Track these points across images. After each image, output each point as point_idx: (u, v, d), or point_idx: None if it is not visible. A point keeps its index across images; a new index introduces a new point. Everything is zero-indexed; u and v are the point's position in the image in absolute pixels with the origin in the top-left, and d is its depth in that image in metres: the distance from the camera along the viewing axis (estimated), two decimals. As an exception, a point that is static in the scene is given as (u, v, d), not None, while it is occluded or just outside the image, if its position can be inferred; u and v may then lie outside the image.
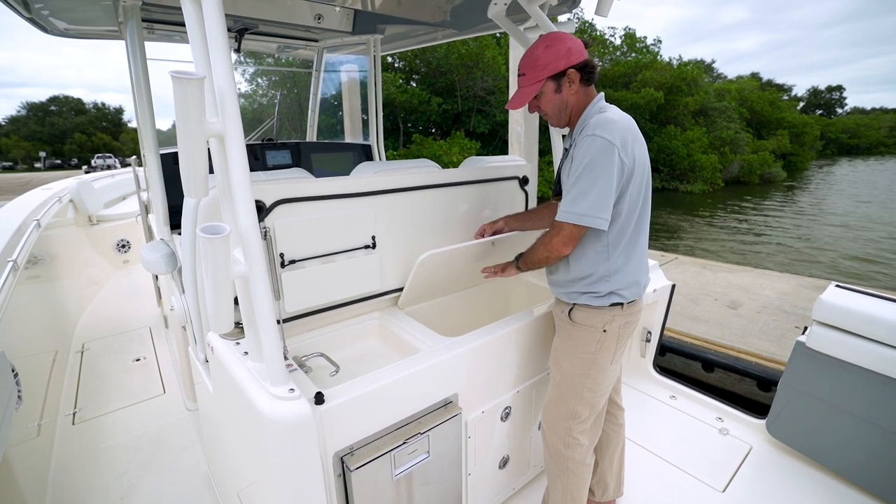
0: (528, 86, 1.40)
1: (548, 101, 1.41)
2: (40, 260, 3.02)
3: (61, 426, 2.36)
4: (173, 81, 0.81)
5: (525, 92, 1.41)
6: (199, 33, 0.94)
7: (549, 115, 1.45)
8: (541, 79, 1.37)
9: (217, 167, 1.00)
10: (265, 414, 1.02)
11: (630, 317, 1.46)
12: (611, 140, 1.25)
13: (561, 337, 1.54)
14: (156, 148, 2.25)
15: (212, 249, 0.89)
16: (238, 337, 1.30)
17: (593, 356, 1.46)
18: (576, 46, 1.35)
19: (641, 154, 1.34)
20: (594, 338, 1.44)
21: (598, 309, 1.43)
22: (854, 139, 62.07)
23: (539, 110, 1.47)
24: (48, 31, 2.45)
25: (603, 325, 1.43)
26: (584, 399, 1.50)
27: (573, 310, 1.47)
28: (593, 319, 1.44)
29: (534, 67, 1.38)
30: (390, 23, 3.02)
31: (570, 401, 1.51)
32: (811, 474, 1.97)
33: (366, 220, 1.60)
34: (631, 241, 1.40)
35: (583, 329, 1.45)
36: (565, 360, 1.51)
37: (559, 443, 1.54)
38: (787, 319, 3.92)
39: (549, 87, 1.39)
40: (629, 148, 1.29)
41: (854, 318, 1.78)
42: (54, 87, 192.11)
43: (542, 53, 1.36)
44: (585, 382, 1.48)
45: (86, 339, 3.30)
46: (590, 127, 1.29)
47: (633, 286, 1.44)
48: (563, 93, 1.38)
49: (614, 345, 1.46)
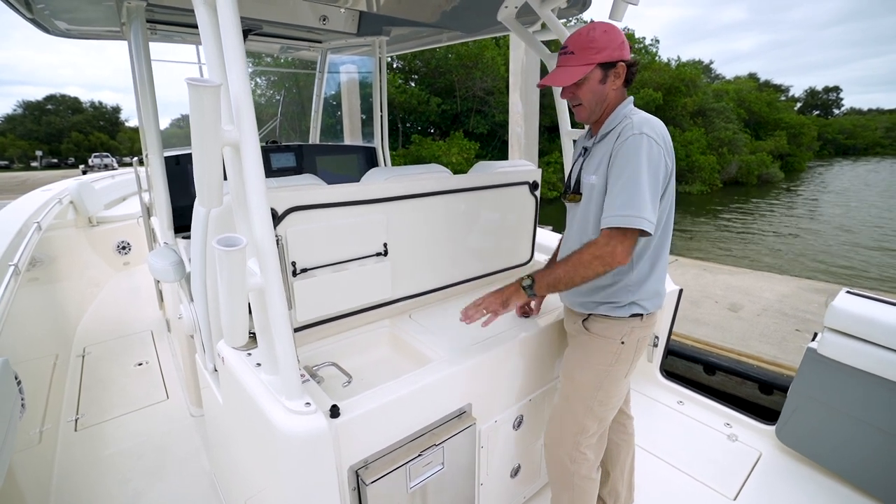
0: (576, 65, 1.28)
1: (589, 90, 1.30)
2: (40, 262, 2.98)
3: (63, 433, 2.33)
4: (189, 89, 0.79)
5: (572, 72, 1.28)
6: (213, 39, 0.92)
7: (584, 105, 1.34)
8: (592, 62, 1.26)
9: (231, 176, 0.98)
10: (281, 429, 1.00)
11: (648, 329, 1.39)
12: (656, 139, 1.20)
13: (575, 347, 1.47)
14: (159, 150, 2.23)
15: (228, 262, 0.86)
16: (249, 347, 1.27)
17: (608, 368, 1.39)
18: (627, 43, 1.28)
19: (673, 157, 1.29)
20: (611, 350, 1.37)
21: (617, 320, 1.35)
22: (851, 140, 62.45)
23: (573, 97, 1.34)
24: (50, 31, 2.43)
25: (621, 336, 1.36)
26: (594, 413, 1.43)
27: (588, 320, 1.40)
28: (611, 330, 1.37)
29: (588, 49, 1.26)
30: (396, 24, 2.99)
31: (579, 414, 1.44)
32: (823, 482, 1.95)
33: (378, 228, 1.58)
34: (657, 249, 1.33)
35: (600, 340, 1.38)
36: (579, 371, 1.44)
37: (565, 457, 1.48)
38: (788, 322, 3.92)
39: (595, 75, 1.28)
40: (670, 148, 1.25)
41: (867, 326, 1.77)
42: (51, 85, 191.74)
43: (601, 36, 1.25)
44: (597, 396, 1.41)
45: (87, 343, 3.26)
46: (634, 125, 1.22)
47: (655, 297, 1.36)
48: (607, 85, 1.29)
49: (631, 357, 1.39)
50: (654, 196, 1.19)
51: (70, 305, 3.57)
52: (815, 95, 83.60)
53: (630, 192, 1.18)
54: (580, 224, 1.39)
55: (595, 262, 1.21)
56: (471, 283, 1.97)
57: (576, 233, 1.42)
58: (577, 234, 1.40)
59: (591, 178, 1.32)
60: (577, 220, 1.41)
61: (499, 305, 1.34)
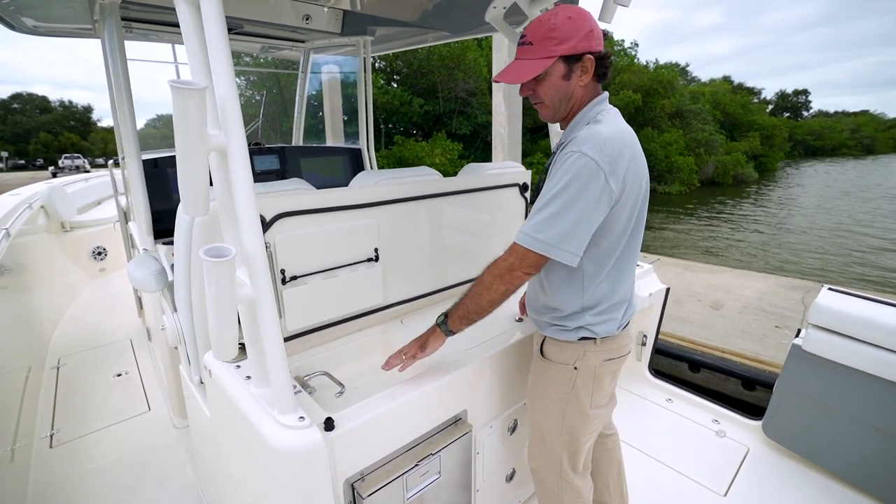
0: (533, 59, 1.10)
1: (550, 87, 1.13)
2: (9, 270, 2.85)
3: (37, 450, 2.22)
4: (172, 92, 0.75)
5: (528, 66, 1.11)
6: (196, 39, 0.87)
7: (546, 104, 1.17)
8: (553, 55, 1.08)
9: (217, 182, 0.94)
10: (274, 444, 0.96)
11: (610, 353, 1.26)
12: (598, 161, 1.02)
13: (533, 372, 1.37)
14: (137, 152, 2.14)
15: (216, 273, 0.82)
16: (238, 359, 1.22)
17: (567, 397, 1.27)
18: (598, 31, 1.11)
19: (637, 174, 1.11)
20: (566, 376, 1.26)
21: (566, 343, 1.24)
22: (819, 141, 64.68)
23: (533, 95, 1.17)
24: (16, 28, 2.31)
25: (573, 361, 1.24)
26: (566, 444, 1.32)
27: (544, 343, 1.30)
28: (563, 355, 1.26)
29: (548, 39, 1.08)
30: (381, 24, 2.95)
31: (554, 446, 1.34)
32: (809, 475, 2.00)
33: (368, 232, 1.55)
34: (615, 271, 1.20)
35: (553, 366, 1.28)
36: (539, 400, 1.34)
37: (552, 485, 1.39)
38: (768, 319, 4.02)
39: (557, 70, 1.11)
40: (621, 171, 1.05)
41: (849, 322, 1.81)
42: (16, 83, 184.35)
43: (563, 24, 1.07)
44: (563, 425, 1.29)
45: (62, 354, 3.12)
46: (576, 141, 1.06)
47: (609, 322, 1.22)
48: (572, 81, 1.12)
49: (591, 386, 1.25)
50: (578, 224, 1.05)
51: (43, 315, 3.42)
52: (786, 98, 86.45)
53: (547, 212, 1.06)
54: None
55: (496, 282, 1.13)
56: (463, 286, 1.95)
57: None
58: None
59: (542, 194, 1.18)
60: None
61: (416, 349, 1.24)
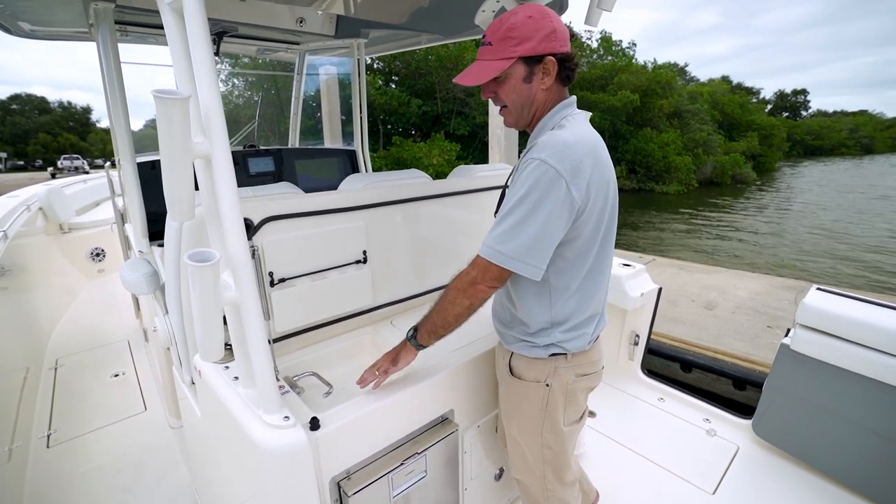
0: (492, 60, 1.07)
1: (511, 90, 1.09)
2: (8, 271, 2.87)
3: (35, 449, 2.24)
4: (156, 102, 0.76)
5: (486, 67, 1.07)
6: (181, 48, 0.89)
7: (509, 108, 1.13)
8: (511, 56, 1.04)
9: (203, 188, 0.95)
10: (259, 443, 0.98)
11: (582, 368, 1.22)
12: (558, 169, 0.97)
13: (505, 390, 1.33)
14: (132, 154, 2.16)
15: (200, 278, 0.84)
16: (227, 360, 1.24)
17: (542, 414, 1.24)
18: (562, 31, 1.07)
19: (602, 182, 1.06)
20: (538, 394, 1.22)
21: (535, 360, 1.21)
22: (818, 141, 64.72)
23: (495, 98, 1.14)
24: (12, 32, 2.33)
25: (545, 378, 1.21)
26: (548, 459, 1.29)
27: (512, 358, 1.26)
28: (533, 371, 1.22)
29: (506, 39, 1.04)
30: (373, 27, 2.98)
31: (534, 459, 1.31)
32: (798, 474, 2.02)
33: (356, 235, 1.57)
34: (586, 285, 1.15)
35: (523, 384, 1.24)
36: (515, 419, 1.31)
37: (538, 495, 1.37)
38: (760, 319, 4.06)
39: (517, 71, 1.07)
40: (583, 179, 1.01)
41: (836, 322, 1.83)
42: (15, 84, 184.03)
43: (522, 23, 1.04)
44: (542, 442, 1.27)
45: (59, 355, 3.14)
46: (536, 148, 1.02)
47: (580, 337, 1.18)
48: (534, 84, 1.08)
49: (562, 403, 1.22)
50: (539, 236, 1.01)
51: (41, 316, 3.44)
52: (785, 98, 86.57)
53: (508, 223, 1.02)
54: None
55: (459, 296, 1.09)
56: None
57: None
58: None
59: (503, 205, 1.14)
60: None
61: (388, 364, 1.22)
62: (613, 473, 2.02)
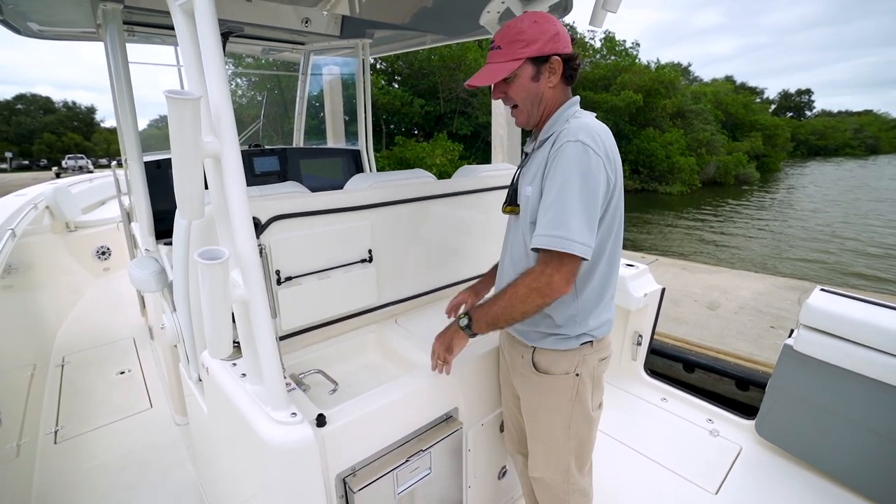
0: (502, 62, 1.15)
1: (520, 88, 1.17)
2: (15, 270, 2.90)
3: (42, 446, 2.26)
4: (168, 102, 0.78)
5: (496, 69, 1.15)
6: (192, 48, 0.90)
7: (519, 107, 1.20)
8: (520, 57, 1.13)
9: (213, 187, 0.97)
10: (267, 439, 1.00)
11: (604, 352, 1.26)
12: (596, 150, 1.05)
13: (529, 389, 1.31)
14: (139, 154, 2.18)
15: (210, 275, 0.85)
16: (234, 357, 1.26)
17: (571, 405, 1.26)
18: (564, 34, 1.15)
19: (619, 167, 1.15)
20: (567, 385, 1.24)
21: (565, 352, 1.22)
22: (822, 141, 64.36)
23: (506, 98, 1.21)
24: (21, 32, 2.35)
25: (574, 368, 1.23)
26: (573, 450, 1.31)
27: (536, 354, 1.26)
28: (562, 364, 1.23)
29: (515, 42, 1.13)
30: (378, 27, 2.99)
31: (561, 453, 1.32)
32: (801, 474, 2.01)
33: (362, 234, 1.58)
34: (606, 273, 1.20)
35: (551, 378, 1.25)
36: (542, 414, 1.30)
37: (559, 490, 1.38)
38: (763, 319, 4.05)
39: (526, 71, 1.15)
40: (613, 161, 1.10)
41: (840, 323, 1.83)
42: (19, 84, 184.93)
43: (529, 28, 1.12)
44: (570, 434, 1.29)
45: (66, 352, 3.17)
46: (570, 131, 1.08)
47: (606, 324, 1.24)
48: (541, 83, 1.16)
49: (590, 390, 1.26)
50: (591, 215, 1.04)
51: (48, 313, 3.48)
52: (789, 98, 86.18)
53: (560, 208, 1.04)
54: (514, 237, 1.28)
55: (532, 294, 1.08)
56: (456, 286, 1.98)
57: (511, 247, 1.30)
58: (512, 249, 1.29)
59: (527, 188, 1.19)
60: (513, 234, 1.30)
61: (445, 353, 1.24)
62: (616, 473, 2.03)
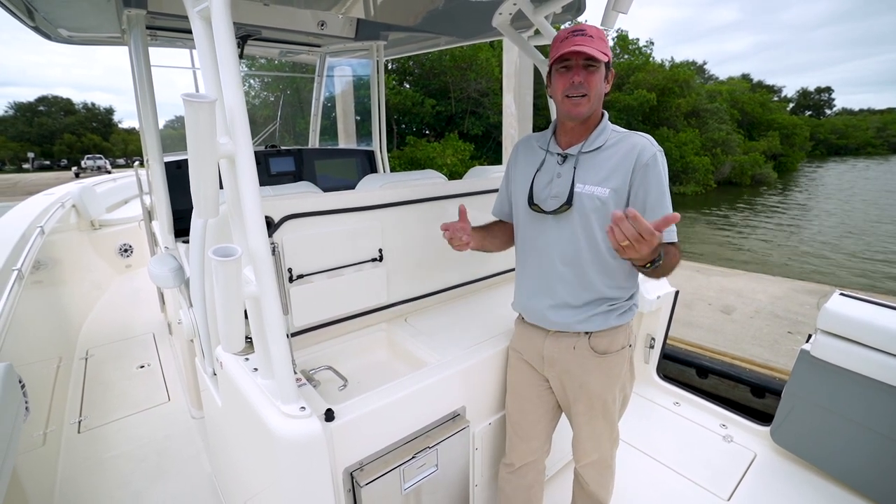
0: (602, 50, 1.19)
1: (598, 80, 1.23)
2: (43, 266, 3.00)
3: (67, 435, 2.35)
4: (185, 105, 0.81)
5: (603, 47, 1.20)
6: (209, 52, 0.94)
7: (589, 97, 1.22)
8: (609, 53, 1.21)
9: (227, 186, 1.00)
10: (276, 432, 1.02)
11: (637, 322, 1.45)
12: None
13: (585, 374, 1.36)
14: (160, 154, 2.24)
15: (223, 272, 0.88)
16: (247, 352, 1.29)
17: (626, 375, 1.43)
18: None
19: None
20: (624, 358, 1.39)
21: (620, 328, 1.36)
22: (842, 140, 62.82)
23: (584, 84, 1.21)
24: (52, 38, 2.45)
25: (628, 340, 1.39)
26: (619, 412, 1.49)
27: (593, 340, 1.34)
28: (618, 341, 1.36)
29: (602, 39, 1.20)
30: (393, 30, 3.02)
31: (615, 424, 1.48)
32: (816, 482, 1.97)
33: (373, 234, 1.60)
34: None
35: (611, 357, 1.35)
36: (608, 393, 1.39)
37: (610, 458, 1.52)
38: (780, 325, 3.95)
39: (603, 69, 1.23)
40: None
41: (859, 328, 1.78)
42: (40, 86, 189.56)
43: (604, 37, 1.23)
44: (623, 400, 1.48)
45: (89, 346, 3.28)
46: (651, 142, 1.25)
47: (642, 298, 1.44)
48: (604, 86, 1.27)
49: (633, 352, 1.46)
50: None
51: (73, 308, 3.59)
52: (808, 96, 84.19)
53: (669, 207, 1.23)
54: (558, 235, 1.31)
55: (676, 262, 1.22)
56: (466, 287, 1.99)
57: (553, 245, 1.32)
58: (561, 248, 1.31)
59: (596, 189, 1.24)
60: (555, 232, 1.32)
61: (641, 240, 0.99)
62: (626, 477, 2.01)
